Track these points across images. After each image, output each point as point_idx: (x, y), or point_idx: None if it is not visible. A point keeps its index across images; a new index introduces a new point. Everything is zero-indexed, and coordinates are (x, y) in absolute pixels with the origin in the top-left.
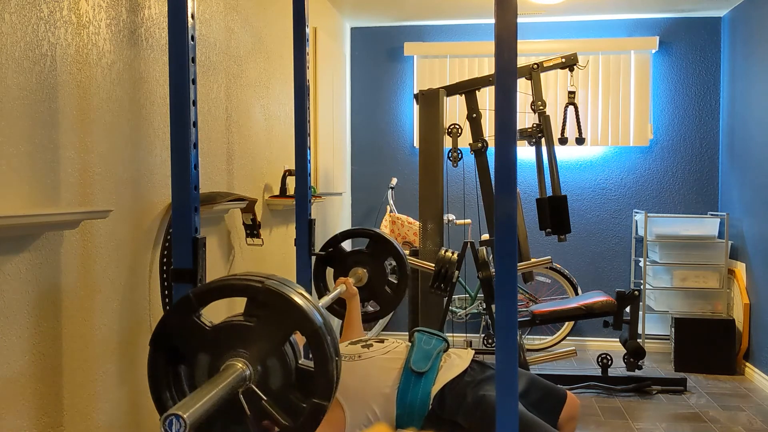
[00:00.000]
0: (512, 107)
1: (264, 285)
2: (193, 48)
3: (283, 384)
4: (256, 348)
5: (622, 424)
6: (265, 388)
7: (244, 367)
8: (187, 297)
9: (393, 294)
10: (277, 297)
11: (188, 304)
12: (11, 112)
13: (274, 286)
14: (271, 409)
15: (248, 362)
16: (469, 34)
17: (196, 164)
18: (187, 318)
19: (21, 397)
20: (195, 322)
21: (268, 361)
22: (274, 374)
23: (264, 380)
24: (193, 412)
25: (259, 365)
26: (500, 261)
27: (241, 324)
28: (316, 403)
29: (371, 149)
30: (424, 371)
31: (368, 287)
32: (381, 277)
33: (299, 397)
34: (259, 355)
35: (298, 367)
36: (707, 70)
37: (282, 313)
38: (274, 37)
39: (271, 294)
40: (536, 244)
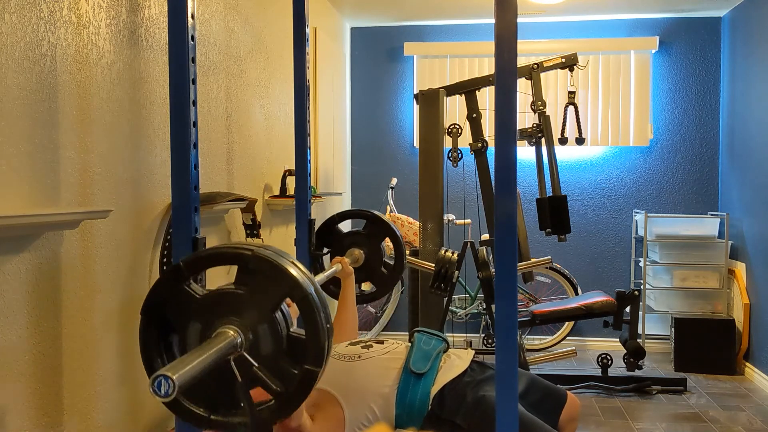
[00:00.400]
0: (512, 107)
1: (254, 253)
2: (193, 48)
3: (274, 351)
4: (247, 315)
5: (622, 424)
6: (256, 355)
7: (236, 335)
8: (177, 266)
9: (389, 275)
10: (267, 264)
11: (178, 272)
12: (11, 112)
13: (263, 254)
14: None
15: (239, 330)
16: (469, 34)
17: (196, 164)
18: (177, 286)
19: (21, 397)
20: (185, 290)
21: (259, 329)
22: (265, 341)
23: (255, 347)
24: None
25: (251, 333)
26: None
27: (231, 292)
28: (308, 370)
29: (371, 149)
30: (423, 372)
31: (365, 268)
32: (377, 257)
33: (290, 363)
34: (251, 323)
35: (289, 334)
36: (707, 70)
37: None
38: (274, 37)
39: (261, 261)
40: (536, 244)
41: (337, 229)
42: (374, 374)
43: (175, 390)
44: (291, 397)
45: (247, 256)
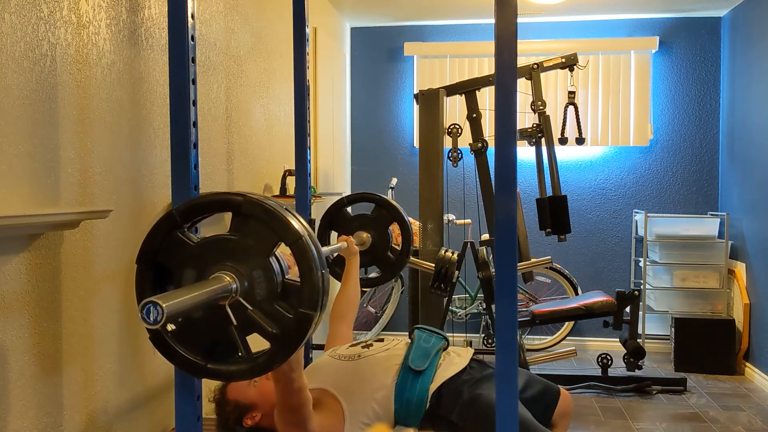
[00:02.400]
0: (512, 107)
1: (246, 198)
2: (193, 48)
3: (269, 295)
4: (241, 261)
5: (622, 424)
6: (251, 299)
7: (231, 280)
8: (170, 213)
9: (396, 260)
10: (259, 208)
11: (172, 220)
12: (11, 112)
13: (256, 199)
14: (258, 318)
15: (235, 275)
16: (469, 34)
17: (196, 164)
18: (171, 234)
19: (21, 397)
20: (179, 237)
21: (254, 274)
22: (260, 286)
23: (250, 292)
24: (172, 303)
25: (246, 278)
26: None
27: (225, 238)
28: (303, 313)
29: (371, 149)
30: (422, 369)
31: (371, 252)
32: (384, 242)
33: (286, 307)
34: (246, 268)
35: (284, 281)
36: (707, 70)
37: (265, 225)
38: (274, 37)
39: (253, 206)
40: (536, 244)
41: (345, 212)
42: (374, 372)
43: (163, 317)
44: (287, 341)
45: (239, 201)
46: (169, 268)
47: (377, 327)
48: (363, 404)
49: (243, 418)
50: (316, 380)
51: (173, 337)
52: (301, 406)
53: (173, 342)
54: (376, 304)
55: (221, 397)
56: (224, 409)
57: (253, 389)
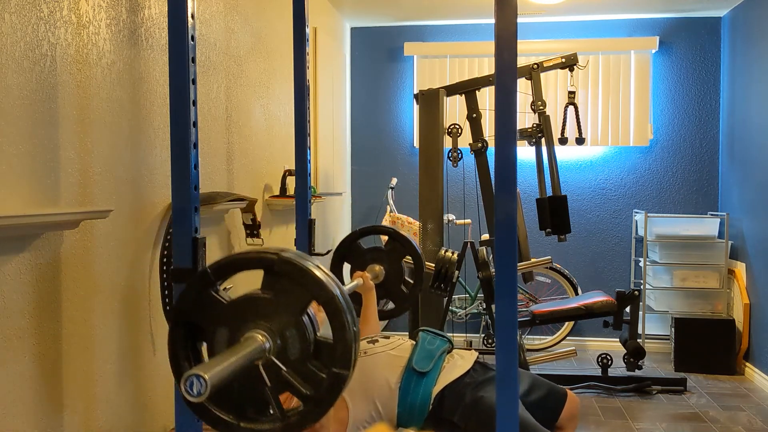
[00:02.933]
0: (512, 107)
1: (279, 256)
2: (193, 48)
3: (302, 355)
4: (274, 320)
5: (622, 424)
6: (284, 359)
7: (264, 339)
8: (204, 271)
9: (409, 293)
10: (293, 267)
11: (205, 278)
12: (11, 112)
13: (289, 257)
14: (292, 379)
15: (267, 334)
16: (469, 34)
17: (196, 164)
18: (204, 292)
19: (21, 397)
20: (212, 296)
21: (287, 333)
22: (293, 345)
23: (283, 352)
24: (215, 373)
25: (278, 337)
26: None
27: (258, 297)
28: (336, 373)
29: (371, 149)
30: (426, 371)
31: (384, 285)
32: (398, 275)
33: (319, 367)
34: (278, 327)
35: (317, 339)
36: (707, 70)
37: (298, 284)
38: (274, 37)
39: (286, 264)
40: (536, 244)
41: (358, 245)
42: (379, 370)
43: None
44: (320, 401)
45: (273, 260)
46: (202, 326)
47: None
48: (367, 402)
49: None
50: None
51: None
52: None
53: (206, 402)
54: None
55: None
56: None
57: None
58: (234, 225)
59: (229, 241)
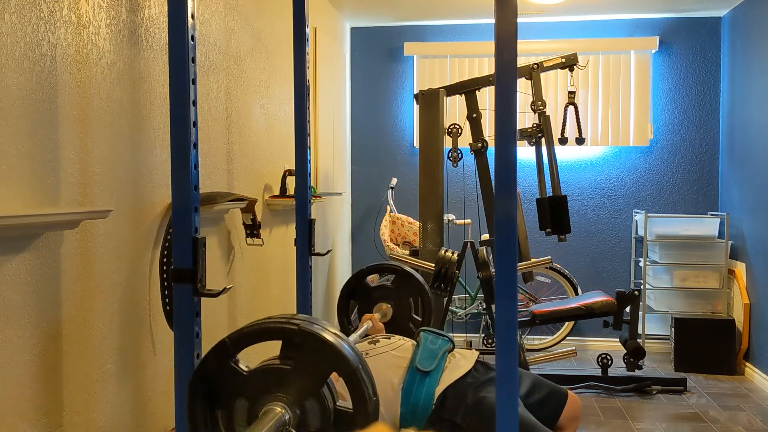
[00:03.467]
0: (512, 107)
1: (299, 327)
2: (193, 48)
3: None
4: (294, 391)
5: (622, 424)
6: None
7: (283, 411)
8: (223, 342)
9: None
10: (314, 338)
11: (224, 348)
12: (11, 112)
13: (309, 328)
14: None
15: (287, 406)
16: (469, 34)
17: (196, 164)
18: (224, 363)
19: (21, 397)
20: (232, 367)
21: (307, 404)
22: (313, 416)
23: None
24: None
25: (298, 408)
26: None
27: (277, 368)
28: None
29: (371, 149)
30: (429, 370)
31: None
32: (405, 313)
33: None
34: (298, 398)
35: (336, 408)
36: (707, 70)
37: (319, 355)
38: (274, 37)
39: (306, 336)
40: (536, 244)
41: (365, 283)
42: (381, 371)
43: None
44: None
45: (293, 331)
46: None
47: None
48: None
49: None
50: None
51: None
52: None
53: None
54: None
55: None
56: None
57: None
58: (234, 225)
59: (229, 241)
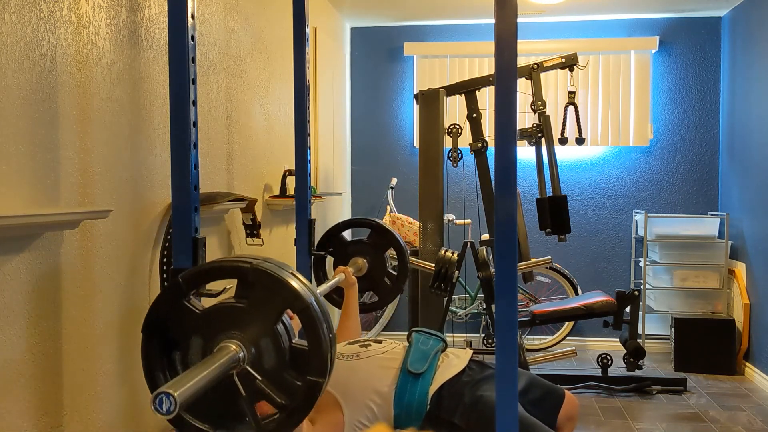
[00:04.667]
0: (512, 107)
1: (253, 265)
2: (193, 48)
3: (277, 363)
4: (248, 329)
5: (622, 424)
6: (259, 368)
7: (238, 349)
8: (176, 282)
9: (392, 286)
10: (267, 276)
11: (178, 288)
12: (11, 112)
13: (262, 266)
14: (266, 388)
15: (241, 344)
16: (469, 34)
17: (196, 164)
18: (177, 303)
19: (21, 397)
20: (185, 306)
21: (262, 342)
22: (268, 354)
23: (258, 361)
24: (184, 390)
25: (253, 346)
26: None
27: (232, 306)
28: (312, 381)
29: (371, 149)
30: (421, 372)
31: (368, 278)
32: (381, 268)
33: (294, 375)
34: (252, 336)
35: (291, 346)
36: (707, 70)
37: (272, 292)
38: (274, 37)
39: (260, 274)
40: (536, 244)
41: (341, 237)
42: (372, 373)
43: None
44: (296, 409)
45: (246, 269)
46: (175, 336)
47: (377, 327)
48: (361, 404)
49: None
50: None
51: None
52: None
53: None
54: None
55: None
56: None
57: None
58: (234, 225)
59: (229, 241)
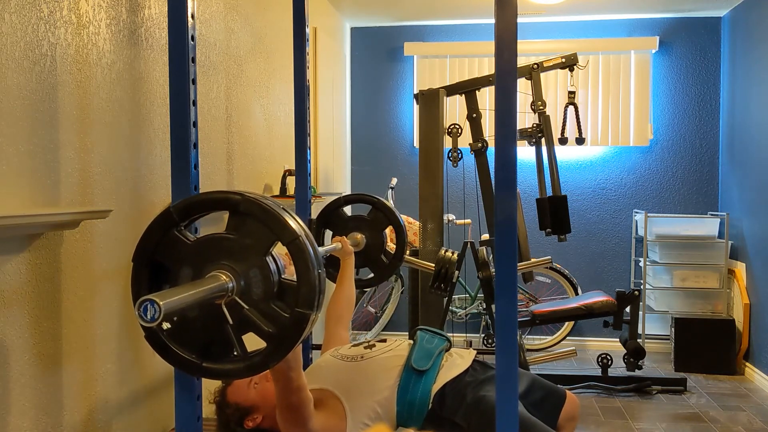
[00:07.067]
0: (512, 107)
1: (244, 197)
2: (193, 48)
3: (265, 295)
4: (238, 260)
5: (622, 424)
6: (248, 299)
7: (227, 279)
8: (168, 211)
9: (389, 263)
10: (257, 207)
11: (169, 218)
12: (11, 112)
13: (253, 197)
14: (254, 317)
15: (231, 274)
16: (469, 34)
17: (196, 164)
18: (168, 232)
19: (21, 397)
20: (176, 236)
21: (251, 273)
22: (257, 285)
23: (247, 292)
24: (169, 301)
25: (242, 277)
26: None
27: (222, 237)
28: (300, 312)
29: (371, 149)
30: (425, 369)
31: (365, 253)
32: (378, 244)
33: (282, 307)
34: (242, 268)
35: (281, 280)
36: (707, 70)
37: (262, 224)
38: (274, 37)
39: (251, 204)
40: (536, 244)
41: (341, 212)
42: (376, 373)
43: (161, 315)
44: (283, 340)
45: (237, 200)
46: (166, 266)
47: (377, 327)
48: (365, 405)
49: (244, 420)
50: (317, 380)
51: (169, 335)
52: (301, 405)
53: (168, 341)
54: (375, 304)
55: (221, 399)
56: (225, 411)
57: (253, 391)
58: None
59: None
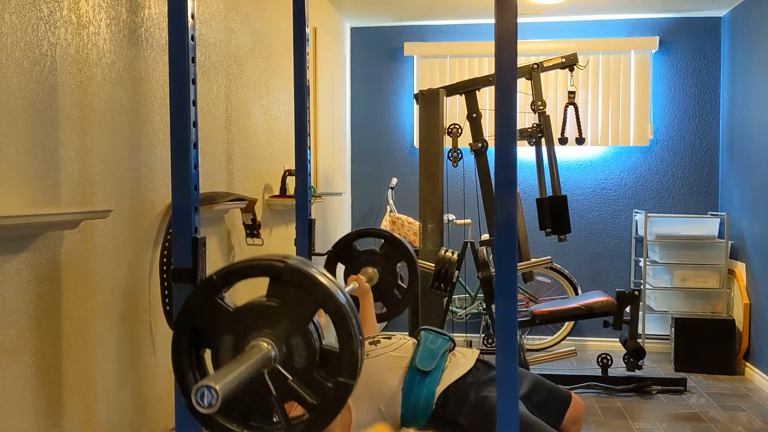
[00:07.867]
0: (512, 107)
1: (286, 264)
2: (193, 48)
3: (308, 363)
4: (280, 328)
5: (622, 424)
6: (290, 367)
7: (270, 347)
8: (210, 278)
9: (401, 297)
10: (300, 275)
11: (211, 285)
12: (11, 112)
13: (296, 265)
14: (297, 388)
15: (273, 342)
16: (469, 34)
17: (196, 164)
18: (210, 300)
19: (21, 397)
20: (218, 303)
21: (293, 341)
22: (299, 354)
23: (289, 360)
24: (226, 384)
25: (284, 345)
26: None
27: (264, 304)
28: (342, 382)
29: (371, 149)
30: (429, 370)
31: (377, 288)
32: (391, 279)
33: (324, 376)
34: (284, 335)
35: (322, 347)
36: (707, 70)
37: (305, 292)
38: (274, 37)
39: (293, 272)
40: (536, 244)
41: (354, 246)
42: (382, 372)
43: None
44: (326, 410)
45: (280, 268)
46: (207, 333)
47: None
48: (370, 404)
49: None
50: None
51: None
52: None
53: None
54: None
55: None
56: None
57: None
58: (234, 225)
59: (229, 241)
